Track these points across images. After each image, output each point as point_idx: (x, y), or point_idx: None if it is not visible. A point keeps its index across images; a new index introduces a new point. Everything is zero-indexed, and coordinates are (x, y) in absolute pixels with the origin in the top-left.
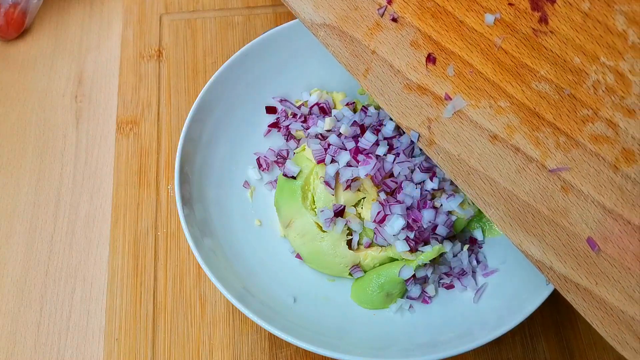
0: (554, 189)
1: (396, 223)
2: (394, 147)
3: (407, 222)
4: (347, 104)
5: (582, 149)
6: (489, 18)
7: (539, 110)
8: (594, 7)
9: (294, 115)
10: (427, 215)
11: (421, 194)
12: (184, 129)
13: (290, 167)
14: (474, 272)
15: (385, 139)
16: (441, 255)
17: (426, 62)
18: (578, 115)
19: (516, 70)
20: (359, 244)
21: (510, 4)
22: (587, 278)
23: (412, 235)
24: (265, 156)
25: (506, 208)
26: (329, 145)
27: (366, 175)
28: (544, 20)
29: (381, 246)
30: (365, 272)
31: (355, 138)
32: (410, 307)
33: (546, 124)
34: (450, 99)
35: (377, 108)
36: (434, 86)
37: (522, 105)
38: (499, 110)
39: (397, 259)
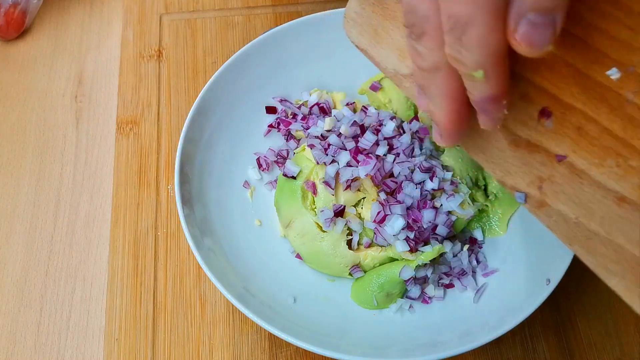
0: None
1: (396, 223)
2: (394, 147)
3: (407, 222)
4: (347, 104)
5: None
6: (614, 73)
7: None
8: None
9: (294, 115)
10: (427, 215)
11: (421, 194)
12: (184, 129)
13: (290, 167)
14: (474, 272)
15: (385, 139)
16: (441, 255)
17: (539, 116)
18: None
19: None
20: (359, 244)
21: None
22: None
23: (412, 235)
24: (265, 156)
25: (634, 277)
26: (329, 145)
27: (366, 175)
28: None
29: (381, 246)
30: (365, 272)
31: (355, 138)
32: (410, 307)
33: None
34: (565, 158)
35: (377, 108)
36: (548, 142)
37: None
38: (629, 170)
39: (397, 259)
